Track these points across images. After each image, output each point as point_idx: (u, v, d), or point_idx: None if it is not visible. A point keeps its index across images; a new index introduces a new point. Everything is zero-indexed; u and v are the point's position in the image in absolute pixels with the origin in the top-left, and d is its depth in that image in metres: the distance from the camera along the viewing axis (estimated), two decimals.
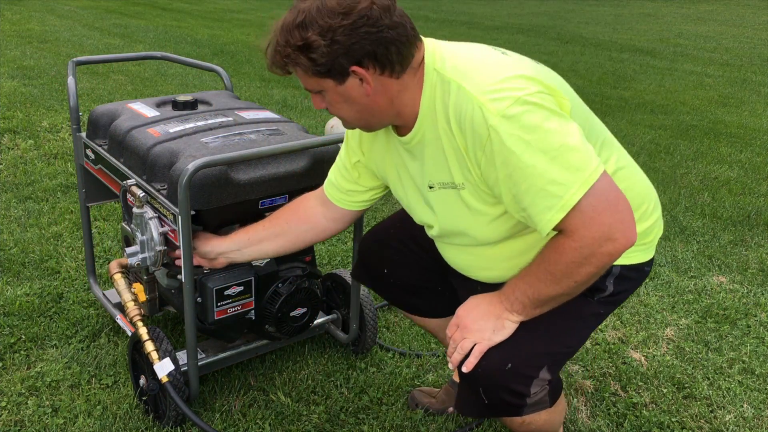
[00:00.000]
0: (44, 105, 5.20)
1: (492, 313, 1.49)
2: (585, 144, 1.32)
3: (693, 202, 3.98)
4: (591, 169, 1.29)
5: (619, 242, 1.30)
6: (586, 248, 1.31)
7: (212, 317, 1.96)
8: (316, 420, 2.09)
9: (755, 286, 3.03)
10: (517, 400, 1.50)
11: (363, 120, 1.50)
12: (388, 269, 1.91)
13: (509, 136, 1.29)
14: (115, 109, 2.25)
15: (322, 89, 1.43)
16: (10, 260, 2.88)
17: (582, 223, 1.29)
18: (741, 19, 13.74)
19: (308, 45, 1.35)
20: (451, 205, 1.51)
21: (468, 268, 1.66)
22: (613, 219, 1.30)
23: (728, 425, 2.15)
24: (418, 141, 1.50)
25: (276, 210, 1.92)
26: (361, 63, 1.36)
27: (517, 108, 1.30)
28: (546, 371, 1.50)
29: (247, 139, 2.00)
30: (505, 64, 1.40)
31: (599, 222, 1.29)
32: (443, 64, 1.42)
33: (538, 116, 1.30)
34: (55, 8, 10.58)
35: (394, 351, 2.43)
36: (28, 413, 2.05)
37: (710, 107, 6.40)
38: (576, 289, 1.41)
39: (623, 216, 1.31)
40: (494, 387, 1.49)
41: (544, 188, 1.29)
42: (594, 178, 1.29)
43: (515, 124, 1.29)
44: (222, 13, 11.55)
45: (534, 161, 1.29)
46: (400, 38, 1.37)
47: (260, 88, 6.31)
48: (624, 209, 1.31)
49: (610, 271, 1.54)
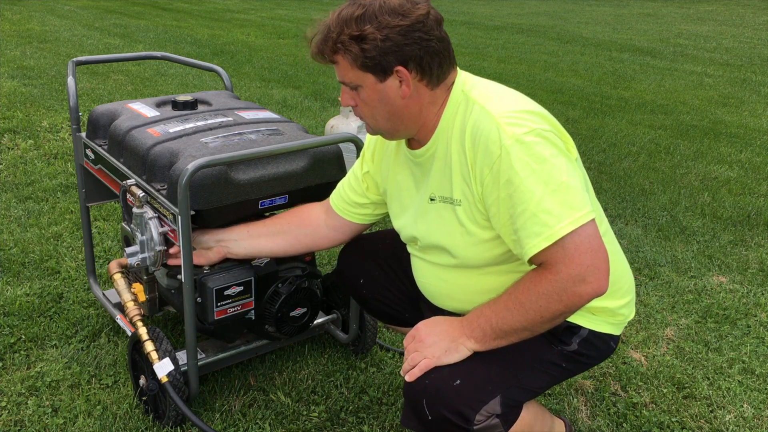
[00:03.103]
0: (44, 105, 5.20)
1: (449, 334, 1.49)
2: (582, 189, 1.39)
3: (693, 202, 3.98)
4: (583, 212, 1.35)
5: (591, 286, 1.35)
6: (560, 283, 1.35)
7: (212, 317, 1.96)
8: (316, 420, 2.09)
9: (755, 286, 3.03)
10: (461, 422, 1.45)
11: (391, 124, 1.54)
12: (364, 280, 1.94)
13: (519, 159, 1.36)
14: (115, 109, 2.25)
15: (360, 84, 1.49)
16: (10, 260, 2.88)
17: (562, 258, 1.34)
18: (741, 19, 13.74)
19: (364, 36, 1.42)
20: (445, 220, 1.55)
21: (437, 295, 1.69)
22: (591, 262, 1.34)
23: (728, 425, 2.15)
24: (430, 155, 1.56)
25: (278, 212, 1.93)
26: (406, 64, 1.44)
27: (532, 137, 1.38)
28: (496, 402, 1.47)
29: (247, 139, 2.00)
30: (527, 102, 1.50)
31: (578, 261, 1.34)
32: (471, 88, 1.52)
33: (548, 150, 1.38)
34: (55, 8, 10.59)
35: (394, 351, 2.43)
36: (28, 413, 2.05)
37: (710, 107, 6.40)
38: (540, 326, 1.42)
39: (600, 263, 1.35)
40: (439, 402, 1.45)
41: (537, 215, 1.35)
42: (584, 220, 1.35)
43: (527, 150, 1.37)
44: (222, 13, 11.55)
45: (535, 188, 1.35)
46: (444, 53, 1.47)
47: (260, 88, 6.31)
48: (602, 258, 1.36)
49: (578, 331, 1.57)
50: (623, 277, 1.64)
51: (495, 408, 1.47)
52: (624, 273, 1.65)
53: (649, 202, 3.96)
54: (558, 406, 2.20)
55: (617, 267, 1.59)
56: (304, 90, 6.31)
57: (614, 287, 1.56)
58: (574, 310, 1.40)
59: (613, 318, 1.62)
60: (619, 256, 1.64)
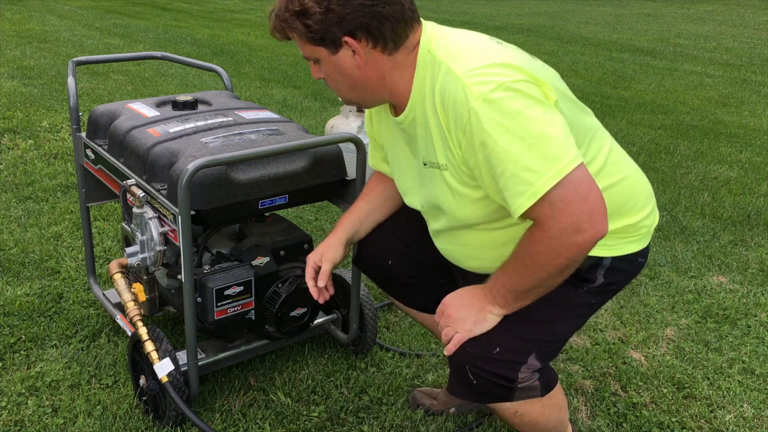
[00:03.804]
0: (44, 105, 5.20)
1: (475, 305, 1.51)
2: (565, 135, 1.32)
3: (693, 202, 3.98)
4: (566, 160, 1.29)
5: (588, 233, 1.30)
6: (555, 239, 1.32)
7: (212, 317, 1.96)
8: (316, 420, 2.09)
9: (755, 286, 3.03)
10: (506, 383, 1.52)
11: (356, 94, 1.53)
12: (392, 260, 1.90)
13: (488, 119, 1.31)
14: (115, 109, 2.25)
15: (318, 58, 1.48)
16: (10, 260, 2.88)
17: (551, 214, 1.30)
18: (741, 19, 13.74)
19: (305, 11, 1.40)
20: (438, 184, 1.53)
21: (458, 257, 1.69)
22: (581, 211, 1.30)
23: (728, 425, 2.15)
24: (411, 121, 1.52)
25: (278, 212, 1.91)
26: (353, 34, 1.41)
27: (500, 93, 1.31)
28: (534, 358, 1.52)
29: (247, 139, 2.00)
30: (495, 52, 1.42)
31: (567, 213, 1.29)
32: (437, 47, 1.45)
33: (519, 103, 1.30)
34: (55, 8, 10.59)
35: (394, 351, 2.43)
36: (28, 413, 2.05)
37: (710, 107, 6.40)
38: (551, 280, 1.41)
39: (593, 208, 1.30)
40: (482, 369, 1.51)
41: (518, 174, 1.30)
42: (568, 169, 1.29)
43: (496, 108, 1.30)
44: (222, 13, 11.55)
45: (510, 147, 1.30)
46: (396, 15, 1.41)
47: (260, 88, 6.31)
48: (594, 202, 1.31)
49: (600, 263, 1.54)
50: (638, 190, 1.59)
51: (534, 364, 1.52)
52: (638, 186, 1.60)
53: None
54: None
55: (630, 182, 1.57)
56: (304, 90, 6.31)
57: (630, 204, 1.55)
58: (581, 259, 1.36)
59: (636, 233, 1.58)
60: (628, 169, 1.58)
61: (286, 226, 2.19)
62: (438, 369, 2.36)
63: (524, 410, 1.59)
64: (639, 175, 1.63)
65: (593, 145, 1.51)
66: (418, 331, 2.57)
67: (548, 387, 1.59)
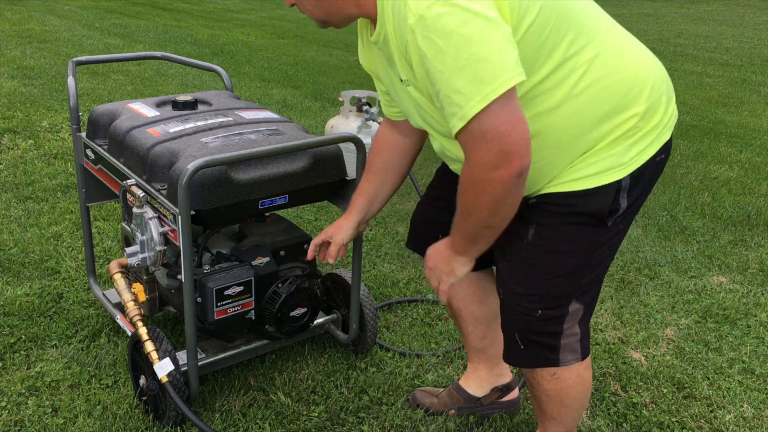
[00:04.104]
0: (44, 105, 5.20)
1: (444, 257, 1.57)
2: (502, 54, 1.26)
3: (693, 202, 3.98)
4: (494, 85, 1.25)
5: (506, 169, 1.28)
6: (474, 174, 1.32)
7: (212, 317, 1.96)
8: (316, 420, 2.09)
9: (755, 286, 3.03)
10: (552, 341, 1.59)
11: (321, 11, 1.52)
12: (443, 234, 1.81)
13: (423, 38, 1.28)
14: (115, 109, 2.25)
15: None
16: (10, 260, 2.88)
17: (472, 146, 1.30)
18: (741, 19, 13.74)
19: None
20: (415, 99, 1.52)
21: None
22: (499, 147, 1.27)
23: (728, 425, 2.15)
24: (383, 39, 1.49)
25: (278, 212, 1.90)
26: None
27: (437, 9, 1.26)
28: (575, 303, 1.58)
29: (247, 139, 2.00)
30: None
31: (485, 148, 1.28)
32: None
33: (456, 20, 1.25)
34: (55, 8, 10.58)
35: (394, 351, 2.43)
36: (28, 413, 2.05)
37: (710, 107, 6.40)
38: (491, 220, 1.39)
39: (510, 147, 1.28)
40: (528, 332, 1.60)
41: (449, 95, 1.28)
42: (495, 95, 1.25)
43: (430, 26, 1.26)
44: (222, 13, 11.55)
45: (442, 68, 1.27)
46: None
47: (260, 88, 6.31)
48: (513, 142, 1.27)
49: (619, 186, 1.48)
50: (635, 80, 1.47)
51: (577, 308, 1.59)
52: (634, 76, 1.47)
53: (649, 202, 3.96)
54: None
55: (624, 75, 1.46)
56: (304, 90, 6.31)
57: (629, 97, 1.45)
58: (508, 197, 1.34)
59: (646, 136, 1.48)
60: (622, 59, 1.46)
61: (286, 226, 2.19)
62: (438, 369, 2.36)
63: (563, 374, 1.66)
64: (637, 64, 1.49)
65: (579, 40, 1.41)
66: (418, 331, 2.57)
67: (586, 352, 1.66)
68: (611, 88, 1.44)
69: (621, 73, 1.46)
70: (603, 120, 1.45)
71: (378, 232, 3.38)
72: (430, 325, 2.62)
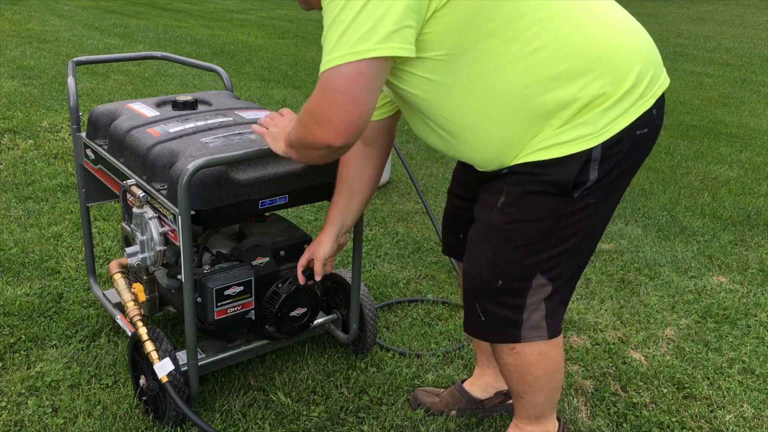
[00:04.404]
0: (44, 105, 5.20)
1: (282, 135, 1.68)
2: (362, 24, 1.28)
3: (693, 202, 3.98)
4: (345, 52, 1.28)
5: (322, 132, 1.35)
6: (306, 113, 1.40)
7: (212, 317, 1.96)
8: (316, 420, 2.09)
9: (755, 286, 3.03)
10: (514, 315, 1.55)
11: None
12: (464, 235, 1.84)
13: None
14: (115, 109, 2.25)
15: None
16: (10, 260, 2.88)
17: (316, 92, 1.34)
18: (741, 19, 13.74)
19: None
20: None
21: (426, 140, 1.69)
22: (326, 111, 1.32)
23: (728, 425, 2.15)
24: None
25: (278, 212, 1.91)
26: None
27: None
28: (541, 277, 1.54)
29: (247, 139, 2.00)
30: None
31: (318, 102, 1.33)
32: None
33: None
34: (55, 8, 10.58)
35: (394, 351, 2.43)
36: (28, 413, 2.05)
37: (710, 107, 6.40)
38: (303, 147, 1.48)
39: (335, 118, 1.32)
40: (489, 303, 1.57)
41: (322, 42, 1.34)
42: (342, 60, 1.28)
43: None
44: (222, 13, 11.55)
45: (327, 16, 1.33)
46: None
47: (260, 88, 6.31)
48: (343, 115, 1.31)
49: (590, 156, 1.43)
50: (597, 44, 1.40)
51: (544, 284, 1.54)
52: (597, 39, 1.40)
53: (649, 202, 3.96)
54: (558, 405, 2.19)
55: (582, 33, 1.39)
56: (304, 90, 6.31)
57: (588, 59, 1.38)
58: (317, 146, 1.40)
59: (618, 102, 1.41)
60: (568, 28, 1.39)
61: (286, 226, 2.19)
62: (438, 369, 2.36)
63: (523, 350, 1.61)
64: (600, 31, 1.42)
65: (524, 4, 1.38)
66: (418, 331, 2.57)
67: (554, 332, 1.60)
68: (567, 48, 1.38)
69: (579, 34, 1.39)
70: (560, 81, 1.38)
71: (378, 232, 3.39)
72: (430, 325, 2.62)
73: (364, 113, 1.32)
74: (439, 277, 2.97)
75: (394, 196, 3.87)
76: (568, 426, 2.12)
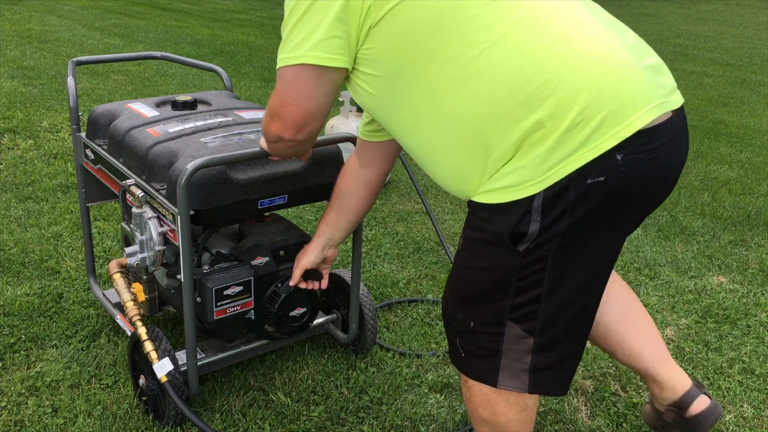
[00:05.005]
0: (44, 105, 5.20)
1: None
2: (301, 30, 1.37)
3: (693, 202, 3.98)
4: (283, 56, 1.40)
5: (276, 126, 1.48)
6: (267, 108, 1.51)
7: (212, 317, 1.96)
8: (316, 420, 2.09)
9: (755, 286, 3.03)
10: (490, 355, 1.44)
11: None
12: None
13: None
14: (114, 109, 2.25)
15: None
16: (10, 260, 2.89)
17: (275, 89, 1.46)
18: (741, 19, 13.74)
19: None
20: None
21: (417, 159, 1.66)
22: (276, 107, 1.45)
23: (728, 425, 2.15)
24: None
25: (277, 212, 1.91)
26: None
27: None
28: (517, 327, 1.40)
29: (247, 139, 2.00)
30: None
31: (273, 99, 1.46)
32: None
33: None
34: (55, 8, 10.58)
35: (394, 351, 2.43)
36: (28, 413, 2.05)
37: (710, 107, 6.40)
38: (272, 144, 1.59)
39: (283, 113, 1.45)
40: (466, 342, 1.48)
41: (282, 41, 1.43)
42: (289, 62, 1.39)
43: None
44: (222, 13, 11.55)
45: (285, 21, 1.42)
46: None
47: (260, 88, 6.31)
48: (287, 112, 1.44)
49: (530, 206, 1.28)
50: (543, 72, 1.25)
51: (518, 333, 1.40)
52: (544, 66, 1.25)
53: None
54: (558, 405, 2.19)
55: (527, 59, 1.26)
56: None
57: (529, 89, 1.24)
58: (272, 139, 1.53)
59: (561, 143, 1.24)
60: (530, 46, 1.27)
61: (286, 226, 2.19)
62: (438, 369, 2.36)
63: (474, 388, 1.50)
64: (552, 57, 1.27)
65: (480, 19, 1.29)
66: (418, 331, 2.57)
67: (536, 388, 1.45)
68: (507, 75, 1.26)
69: (523, 59, 1.26)
70: (500, 110, 1.27)
71: (378, 232, 3.39)
72: (430, 325, 2.62)
73: (308, 115, 1.44)
74: (439, 277, 2.97)
75: (394, 196, 3.87)
76: (567, 426, 2.12)
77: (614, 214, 1.32)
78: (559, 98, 1.24)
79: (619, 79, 1.27)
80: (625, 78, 1.28)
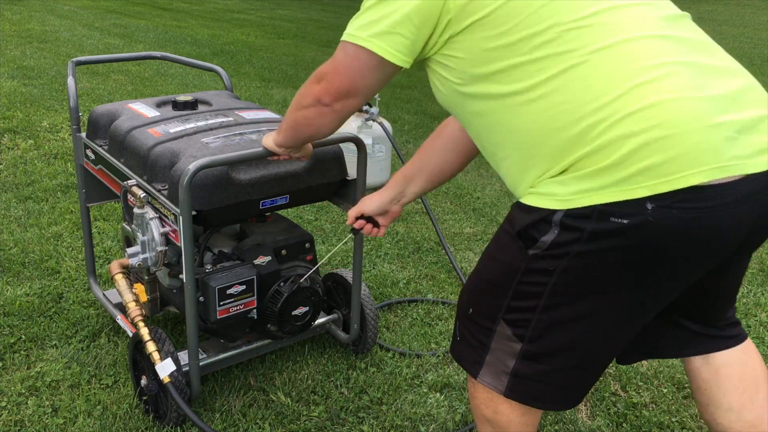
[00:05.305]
0: (44, 105, 5.20)
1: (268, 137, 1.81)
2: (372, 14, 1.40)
3: None
4: (349, 31, 1.42)
5: (320, 88, 1.49)
6: (312, 77, 1.51)
7: (215, 316, 1.96)
8: (316, 420, 2.09)
9: (755, 286, 3.03)
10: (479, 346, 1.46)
11: None
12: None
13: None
14: (115, 109, 2.25)
15: None
16: (10, 260, 2.89)
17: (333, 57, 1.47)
18: (741, 19, 13.74)
19: None
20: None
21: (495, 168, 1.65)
22: (327, 71, 1.47)
23: None
24: None
25: (278, 212, 1.91)
26: None
27: None
28: (504, 325, 1.41)
29: (248, 139, 2.00)
30: None
31: (326, 66, 1.47)
32: None
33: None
34: (55, 8, 10.58)
35: (394, 351, 2.43)
36: (28, 413, 2.05)
37: None
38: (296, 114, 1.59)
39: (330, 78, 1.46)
40: (463, 326, 1.53)
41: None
42: (353, 40, 1.41)
43: None
44: (222, 13, 11.55)
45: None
46: None
47: (260, 88, 6.31)
48: (335, 78, 1.46)
49: (551, 218, 1.31)
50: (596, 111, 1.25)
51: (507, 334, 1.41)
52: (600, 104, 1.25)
53: None
54: None
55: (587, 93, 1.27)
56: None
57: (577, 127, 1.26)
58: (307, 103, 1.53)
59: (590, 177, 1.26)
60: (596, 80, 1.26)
61: (288, 225, 2.19)
62: (438, 369, 2.36)
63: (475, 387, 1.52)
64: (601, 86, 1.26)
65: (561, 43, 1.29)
66: (418, 331, 2.57)
67: (513, 394, 1.45)
68: (564, 106, 1.28)
69: (585, 93, 1.26)
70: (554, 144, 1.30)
71: None
72: (430, 325, 2.62)
73: (353, 89, 1.46)
74: (439, 277, 2.97)
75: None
76: (567, 426, 2.12)
77: (636, 265, 1.29)
78: (610, 138, 1.24)
79: (678, 131, 1.22)
80: (686, 132, 1.22)
